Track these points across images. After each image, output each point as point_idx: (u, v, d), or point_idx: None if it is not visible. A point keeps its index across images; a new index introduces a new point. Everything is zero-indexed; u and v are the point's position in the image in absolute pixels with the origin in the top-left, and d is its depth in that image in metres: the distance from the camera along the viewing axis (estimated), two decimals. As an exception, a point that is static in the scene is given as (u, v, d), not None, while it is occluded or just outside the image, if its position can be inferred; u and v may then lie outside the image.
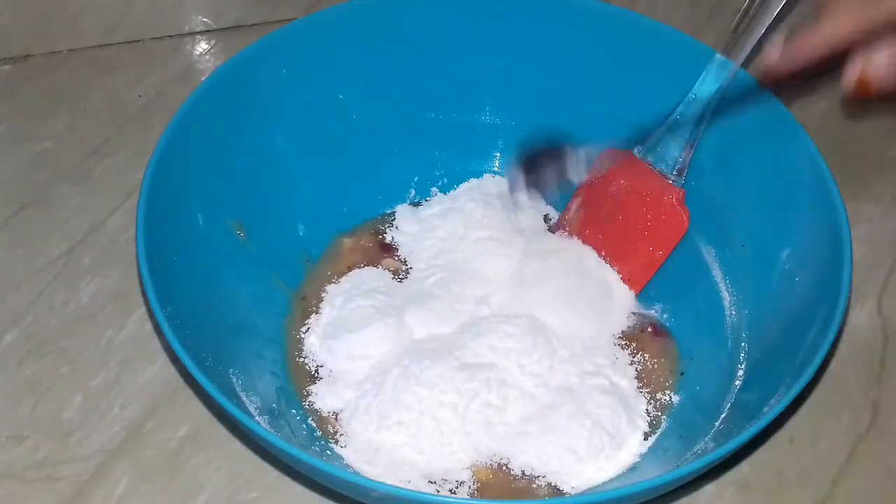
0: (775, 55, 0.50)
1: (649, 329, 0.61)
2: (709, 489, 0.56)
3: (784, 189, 0.58)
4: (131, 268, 0.63)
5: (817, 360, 0.49)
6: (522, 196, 0.64)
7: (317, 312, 0.61)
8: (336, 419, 0.56)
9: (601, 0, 0.66)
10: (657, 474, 0.49)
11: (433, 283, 0.61)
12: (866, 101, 0.51)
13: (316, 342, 0.59)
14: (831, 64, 0.50)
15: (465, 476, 0.54)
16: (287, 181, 0.63)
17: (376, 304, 0.59)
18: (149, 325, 0.61)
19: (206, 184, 0.58)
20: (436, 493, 0.52)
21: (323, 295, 0.61)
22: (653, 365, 0.59)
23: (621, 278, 0.62)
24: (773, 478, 0.57)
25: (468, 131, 0.67)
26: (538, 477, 0.54)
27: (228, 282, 0.58)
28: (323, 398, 0.57)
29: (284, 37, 0.63)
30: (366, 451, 0.54)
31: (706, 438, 0.53)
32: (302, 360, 0.59)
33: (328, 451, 0.54)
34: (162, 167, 0.55)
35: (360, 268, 0.63)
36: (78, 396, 0.58)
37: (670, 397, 0.58)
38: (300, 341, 0.59)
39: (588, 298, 0.60)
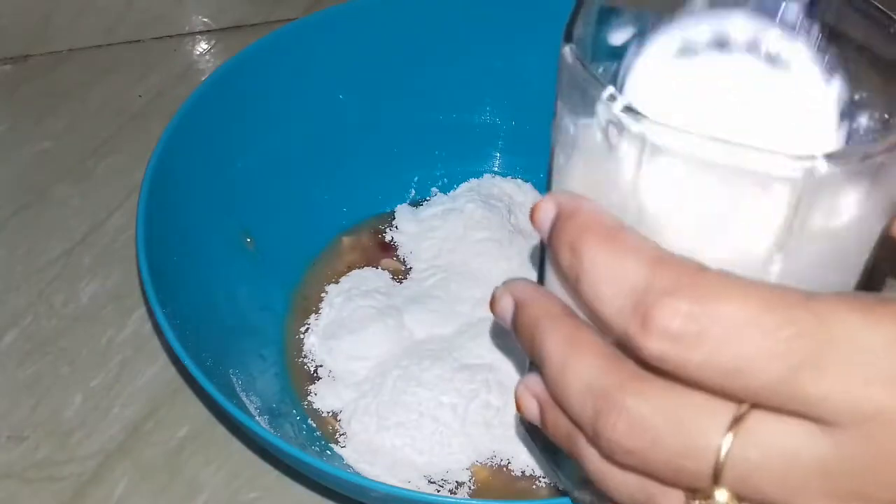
0: None
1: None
2: (709, 489, 0.56)
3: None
4: (131, 268, 0.63)
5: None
6: None
7: (316, 312, 0.61)
8: (336, 419, 0.56)
9: None
10: (657, 474, 0.49)
11: (433, 284, 0.61)
12: None
13: (316, 342, 0.59)
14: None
15: (465, 476, 0.54)
16: (287, 181, 0.63)
17: (376, 305, 0.59)
18: (149, 325, 0.61)
19: (205, 184, 0.58)
20: (436, 493, 0.53)
21: (323, 295, 0.61)
22: (653, 365, 0.59)
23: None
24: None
25: (468, 131, 0.67)
26: (538, 477, 0.54)
27: (228, 282, 0.58)
28: (322, 398, 0.57)
29: (284, 37, 0.63)
30: (365, 452, 0.54)
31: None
32: (301, 360, 0.59)
33: (328, 452, 0.54)
34: (162, 167, 0.55)
35: (359, 268, 0.63)
36: (78, 396, 0.58)
37: (670, 397, 0.58)
38: (300, 341, 0.59)
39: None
